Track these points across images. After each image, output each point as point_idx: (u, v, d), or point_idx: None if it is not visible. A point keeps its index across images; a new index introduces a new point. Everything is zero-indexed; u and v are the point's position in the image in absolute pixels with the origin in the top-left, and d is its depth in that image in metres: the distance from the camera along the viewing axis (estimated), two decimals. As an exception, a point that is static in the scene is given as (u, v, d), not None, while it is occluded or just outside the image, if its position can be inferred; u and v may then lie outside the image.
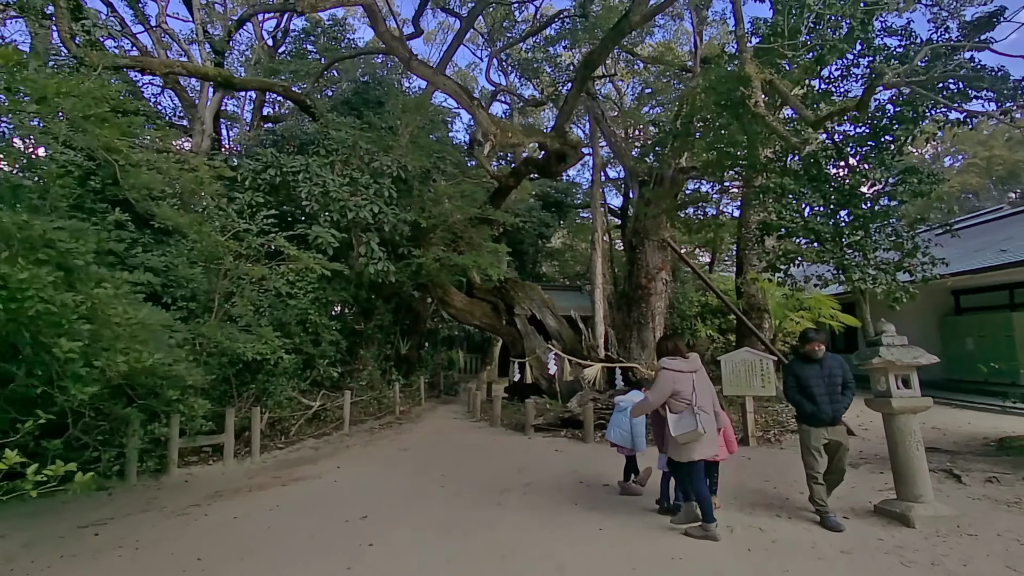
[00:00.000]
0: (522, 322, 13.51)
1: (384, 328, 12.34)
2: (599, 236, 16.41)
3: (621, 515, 4.96)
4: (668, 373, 4.43)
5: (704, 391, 4.45)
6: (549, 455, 7.89)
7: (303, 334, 8.95)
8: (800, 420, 4.82)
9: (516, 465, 7.12)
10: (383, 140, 11.30)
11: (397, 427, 10.44)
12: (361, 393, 10.69)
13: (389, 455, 7.97)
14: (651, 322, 12.86)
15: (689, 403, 4.32)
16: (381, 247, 9.58)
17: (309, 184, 8.77)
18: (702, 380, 4.49)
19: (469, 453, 8.04)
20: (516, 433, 9.84)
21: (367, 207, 9.50)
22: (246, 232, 7.06)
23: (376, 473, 6.81)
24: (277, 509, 5.25)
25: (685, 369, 4.43)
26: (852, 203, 5.85)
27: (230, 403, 7.64)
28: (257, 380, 8.20)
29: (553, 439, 9.19)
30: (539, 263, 28.84)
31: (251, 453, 7.32)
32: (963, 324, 14.14)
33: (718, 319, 19.64)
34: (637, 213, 13.30)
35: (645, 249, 13.00)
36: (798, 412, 4.83)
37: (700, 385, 4.43)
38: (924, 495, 4.67)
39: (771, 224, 6.22)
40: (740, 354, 8.71)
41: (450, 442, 8.97)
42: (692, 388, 4.37)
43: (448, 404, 14.66)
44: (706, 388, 4.49)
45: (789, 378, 4.86)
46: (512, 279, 14.60)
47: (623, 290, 13.79)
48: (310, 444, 8.43)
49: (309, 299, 9.16)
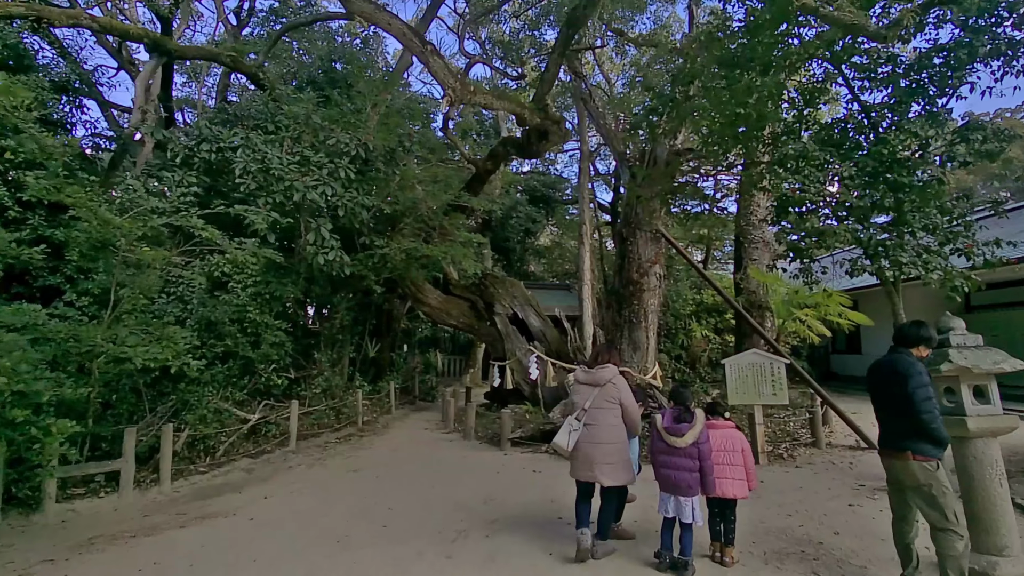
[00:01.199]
0: (502, 321, 12.27)
1: (346, 328, 11.04)
2: (587, 229, 15.24)
3: (610, 572, 3.75)
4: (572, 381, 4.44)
5: (601, 410, 4.01)
6: (525, 477, 6.65)
7: (240, 335, 7.64)
8: (932, 450, 3.21)
9: (484, 493, 5.88)
10: (344, 117, 10.03)
11: (356, 441, 9.14)
12: (315, 402, 9.38)
13: (334, 479, 6.69)
14: (643, 321, 11.68)
15: (575, 416, 4.09)
16: (335, 235, 8.29)
17: (246, 160, 7.47)
18: (605, 397, 4.04)
19: (431, 476, 6.79)
20: (491, 448, 8.60)
21: (319, 188, 8.21)
22: (153, 212, 5.74)
23: (309, 506, 5.53)
24: (150, 570, 3.96)
25: (583, 380, 4.18)
26: (895, 169, 4.69)
27: (135, 420, 6.32)
28: (178, 390, 6.89)
29: (532, 456, 7.97)
30: (526, 261, 27.64)
31: (159, 481, 6.00)
32: (973, 323, 13.13)
33: (714, 318, 18.54)
34: (628, 201, 12.12)
35: (637, 241, 11.81)
36: (935, 437, 3.18)
37: (598, 402, 4.03)
38: (1011, 546, 3.50)
39: (791, 198, 5.06)
40: (747, 357, 7.54)
41: (412, 460, 7.70)
42: (584, 402, 4.06)
43: (423, 412, 13.37)
44: (606, 408, 4.01)
45: (926, 389, 3.18)
46: (492, 274, 13.36)
47: (613, 286, 12.60)
48: (243, 465, 7.12)
49: (248, 294, 7.87)
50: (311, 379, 9.56)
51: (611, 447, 3.92)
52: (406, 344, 18.09)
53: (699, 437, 3.72)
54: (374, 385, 12.22)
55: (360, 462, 7.60)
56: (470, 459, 7.78)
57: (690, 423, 3.75)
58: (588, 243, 14.93)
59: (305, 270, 8.55)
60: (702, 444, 3.71)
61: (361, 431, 9.91)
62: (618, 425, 3.98)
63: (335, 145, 9.20)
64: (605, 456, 3.90)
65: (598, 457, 3.89)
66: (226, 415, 7.21)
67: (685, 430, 3.74)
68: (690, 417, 3.79)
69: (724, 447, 3.81)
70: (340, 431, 9.61)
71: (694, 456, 3.70)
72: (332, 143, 9.09)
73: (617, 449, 3.94)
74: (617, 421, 3.98)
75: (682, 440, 3.74)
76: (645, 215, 11.78)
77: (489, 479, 6.59)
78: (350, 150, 9.13)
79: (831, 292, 11.67)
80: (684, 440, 3.73)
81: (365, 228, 9.60)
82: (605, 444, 3.92)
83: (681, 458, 3.74)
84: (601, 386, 4.03)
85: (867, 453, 7.58)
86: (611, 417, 3.98)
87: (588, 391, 4.08)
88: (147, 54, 10.10)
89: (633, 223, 11.78)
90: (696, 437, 3.72)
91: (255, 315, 7.75)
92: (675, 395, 4.03)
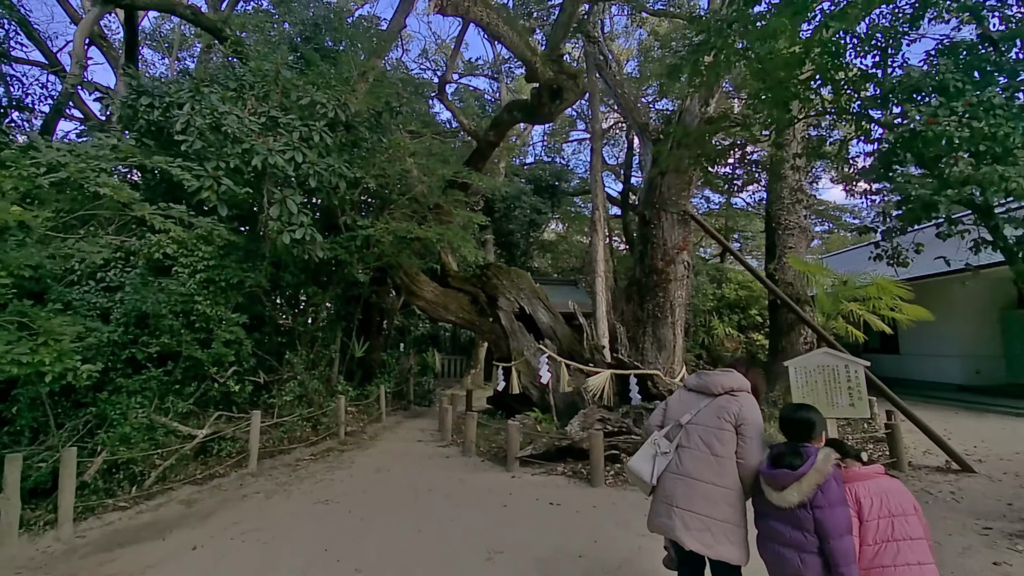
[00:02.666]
0: (507, 317, 10.78)
1: (327, 325, 9.56)
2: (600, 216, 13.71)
3: None
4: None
5: (706, 429, 2.60)
6: (540, 513, 5.17)
7: (184, 331, 6.15)
8: None
9: (487, 539, 4.40)
10: (324, 80, 8.56)
11: (335, 458, 7.65)
12: (286, 412, 7.89)
13: (295, 516, 5.20)
14: (670, 316, 10.20)
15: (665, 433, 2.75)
16: (305, 210, 6.81)
17: (190, 113, 5.99)
18: (717, 413, 2.61)
19: (419, 511, 5.31)
20: (495, 467, 7.12)
21: (287, 154, 6.73)
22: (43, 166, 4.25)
23: (249, 565, 4.05)
24: None
25: (693, 386, 2.84)
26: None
27: (40, 441, 4.85)
28: (99, 401, 5.42)
29: (546, 479, 6.49)
30: (530, 255, 26.10)
31: (58, 522, 4.53)
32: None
33: (737, 314, 17.03)
34: (651, 180, 10.62)
35: (662, 224, 10.31)
36: None
37: (705, 418, 2.64)
38: None
39: (927, 135, 3.55)
40: (816, 358, 6.04)
41: (398, 486, 6.21)
42: (683, 415, 2.72)
43: (418, 418, 11.87)
44: (715, 428, 2.58)
45: None
46: (495, 264, 11.89)
47: (633, 276, 11.09)
48: (184, 495, 5.64)
49: (197, 281, 6.39)
50: (282, 384, 8.07)
51: (711, 491, 2.46)
52: (401, 343, 16.60)
53: (813, 493, 2.19)
54: (361, 389, 10.75)
55: (333, 489, 6.11)
56: (470, 484, 6.29)
57: (799, 469, 2.26)
58: (601, 231, 13.41)
59: (271, 252, 7.07)
60: (828, 509, 2.17)
61: (343, 444, 8.42)
62: (729, 459, 2.50)
63: (310, 106, 7.73)
64: (698, 502, 2.46)
65: (686, 501, 2.49)
66: (162, 431, 5.72)
67: (789, 480, 2.26)
68: (800, 459, 2.28)
69: (889, 510, 2.29)
70: (317, 445, 8.13)
71: (807, 526, 2.21)
72: (306, 103, 7.61)
73: (723, 496, 2.45)
74: (729, 453, 2.51)
75: (783, 495, 2.24)
76: (671, 194, 10.29)
77: (494, 515, 5.11)
78: (327, 111, 7.65)
79: (884, 283, 10.14)
80: (787, 496, 2.23)
81: (346, 205, 8.11)
82: (702, 484, 2.48)
83: (784, 525, 2.25)
84: (714, 396, 2.66)
85: (964, 477, 6.09)
86: (719, 444, 2.52)
87: (692, 401, 2.74)
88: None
89: (657, 204, 10.28)
90: (809, 492, 2.18)
91: (205, 307, 6.27)
92: (783, 423, 2.53)
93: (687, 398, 2.81)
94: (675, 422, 2.72)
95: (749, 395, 2.67)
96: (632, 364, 8.52)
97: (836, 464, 2.28)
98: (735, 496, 2.45)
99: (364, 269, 8.86)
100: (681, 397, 2.85)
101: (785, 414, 2.50)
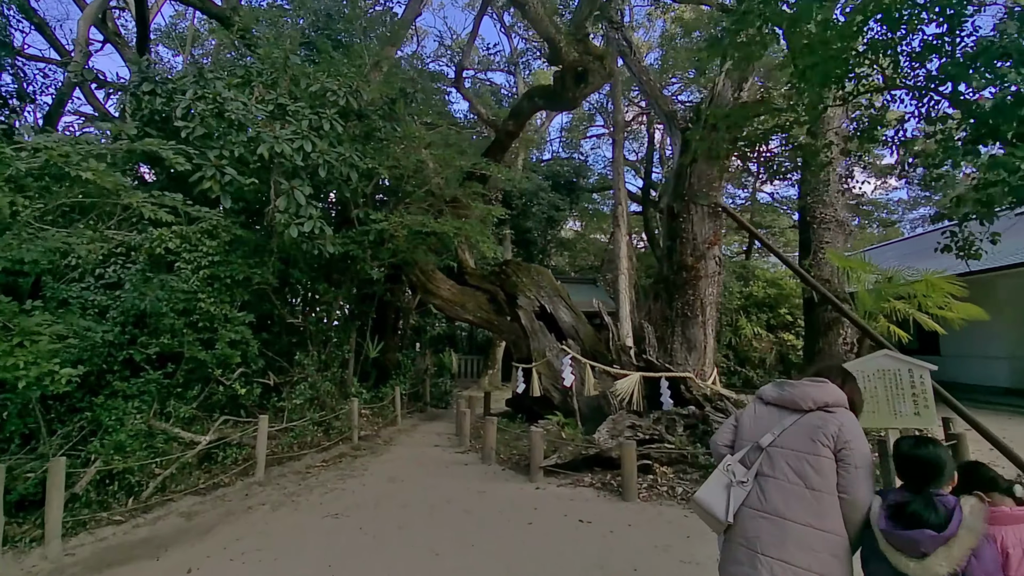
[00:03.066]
0: (527, 316, 10.29)
1: (340, 324, 9.18)
2: (623, 210, 13.14)
3: None
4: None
5: (796, 454, 2.03)
6: (569, 533, 4.67)
7: (187, 331, 5.78)
8: None
9: (511, 569, 3.92)
10: (335, 68, 8.17)
11: (347, 465, 7.25)
12: (297, 415, 7.50)
13: (301, 532, 4.78)
14: (700, 315, 9.58)
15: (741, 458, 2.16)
16: (315, 202, 6.41)
17: (191, 99, 5.62)
18: (810, 435, 2.03)
19: (436, 529, 4.84)
20: (517, 476, 6.63)
21: (295, 142, 6.33)
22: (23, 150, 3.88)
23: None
24: None
25: (771, 397, 2.25)
26: None
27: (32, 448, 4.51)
28: (96, 406, 5.07)
29: (573, 491, 5.98)
30: (548, 253, 25.54)
31: (46, 539, 4.16)
32: None
33: (765, 313, 16.28)
34: (679, 170, 10.02)
35: (691, 217, 9.70)
36: None
37: (792, 440, 2.07)
38: None
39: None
40: (876, 361, 5.41)
41: (414, 499, 5.76)
42: (761, 436, 2.15)
43: (434, 421, 11.44)
44: (807, 454, 2.00)
45: None
46: (514, 261, 11.40)
47: (660, 273, 10.51)
48: (185, 507, 5.26)
49: (200, 278, 6.02)
50: (292, 386, 7.69)
51: (809, 536, 1.89)
52: (417, 343, 16.21)
53: (966, 560, 1.61)
54: (376, 391, 10.35)
55: (344, 500, 5.68)
56: (491, 497, 5.82)
57: (939, 524, 1.67)
58: (624, 226, 12.84)
59: (278, 247, 6.68)
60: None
61: (356, 449, 8.02)
62: (830, 494, 1.94)
63: (320, 94, 7.34)
64: (792, 550, 1.88)
65: (777, 548, 1.91)
66: (162, 438, 5.35)
67: (929, 544, 1.63)
68: (936, 514, 1.67)
69: None
70: (329, 450, 7.73)
71: None
72: (316, 90, 7.21)
73: (825, 544, 1.88)
74: (829, 486, 1.94)
75: (925, 566, 1.62)
76: (701, 185, 9.68)
77: (518, 535, 4.62)
78: (338, 99, 7.24)
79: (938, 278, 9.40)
80: (931, 567, 1.60)
81: (359, 198, 7.70)
82: (796, 526, 1.91)
83: None
84: (804, 412, 2.09)
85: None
86: (815, 474, 1.95)
87: (772, 418, 2.18)
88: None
89: (687, 196, 9.67)
90: (962, 560, 1.58)
91: (208, 305, 5.89)
92: (901, 462, 1.93)
93: (764, 414, 2.28)
94: (752, 444, 2.20)
95: (848, 412, 2.14)
96: (663, 366, 7.97)
97: (982, 503, 1.74)
98: (841, 545, 1.91)
99: (378, 266, 8.44)
100: (756, 412, 2.32)
101: (904, 449, 1.90)
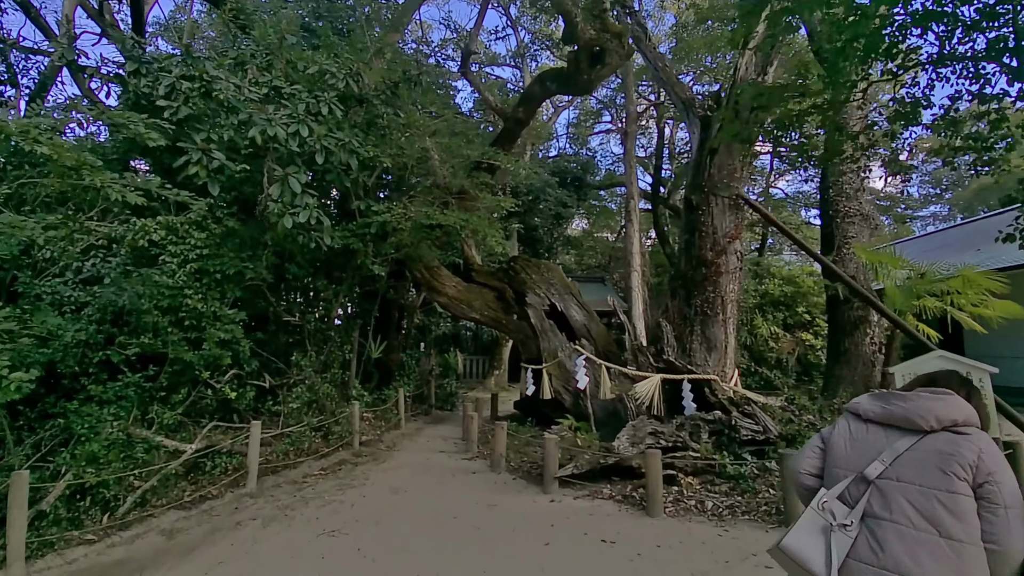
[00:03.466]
0: (537, 315, 9.79)
1: (341, 324, 8.70)
2: (635, 204, 12.64)
3: None
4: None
5: (918, 489, 1.53)
6: (592, 557, 4.17)
7: (171, 329, 5.32)
8: None
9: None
10: (332, 49, 7.70)
11: (347, 473, 6.77)
12: (293, 420, 7.02)
13: (293, 553, 4.30)
14: (720, 313, 9.05)
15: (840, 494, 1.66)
16: (311, 191, 5.92)
17: (175, 77, 5.15)
18: (936, 464, 1.54)
19: (441, 551, 4.35)
20: (530, 486, 6.13)
21: (291, 127, 5.85)
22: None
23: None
24: None
25: (875, 414, 1.74)
26: None
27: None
28: (68, 412, 4.60)
29: (592, 504, 5.47)
30: (555, 251, 25.03)
31: (6, 562, 3.70)
32: None
33: (782, 312, 15.71)
34: (699, 160, 9.49)
35: (711, 210, 9.18)
36: None
37: (910, 472, 1.57)
38: None
39: None
40: (930, 362, 4.89)
41: (417, 513, 5.27)
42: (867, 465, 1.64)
43: (440, 424, 10.96)
44: (933, 491, 1.51)
45: None
46: (523, 257, 10.90)
47: (678, 269, 9.98)
48: (167, 522, 4.79)
49: (187, 272, 5.55)
50: (289, 389, 7.21)
51: None
52: (421, 342, 15.72)
53: None
54: (379, 393, 9.88)
55: (342, 515, 5.20)
56: (502, 510, 5.32)
57: None
58: (636, 220, 12.32)
59: (272, 240, 6.21)
60: None
61: (357, 456, 7.55)
62: (973, 545, 1.46)
63: (318, 77, 6.86)
64: None
65: None
66: (143, 447, 4.89)
67: None
68: None
69: None
70: (328, 457, 7.26)
71: None
72: (314, 72, 6.74)
73: None
74: (971, 534, 1.47)
75: None
76: (721, 176, 9.15)
77: (535, 560, 4.12)
78: (337, 82, 6.77)
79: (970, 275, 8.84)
80: None
81: (360, 188, 7.23)
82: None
83: None
84: (923, 433, 1.63)
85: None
86: (949, 517, 1.48)
87: (877, 440, 1.71)
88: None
89: (706, 187, 9.15)
90: None
91: (196, 301, 5.42)
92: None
93: (864, 434, 1.76)
94: (854, 474, 1.69)
95: (986, 435, 1.63)
96: (685, 367, 7.45)
97: None
98: None
99: (381, 261, 7.96)
100: (853, 431, 1.80)
101: None
